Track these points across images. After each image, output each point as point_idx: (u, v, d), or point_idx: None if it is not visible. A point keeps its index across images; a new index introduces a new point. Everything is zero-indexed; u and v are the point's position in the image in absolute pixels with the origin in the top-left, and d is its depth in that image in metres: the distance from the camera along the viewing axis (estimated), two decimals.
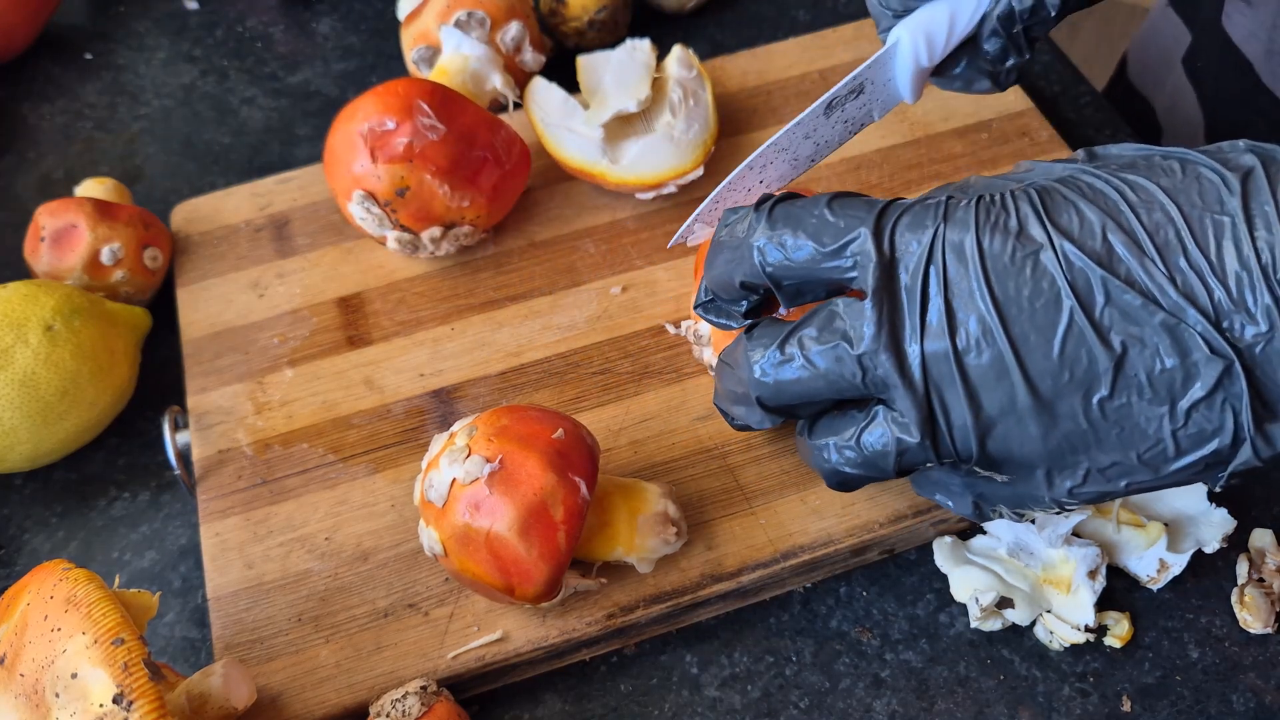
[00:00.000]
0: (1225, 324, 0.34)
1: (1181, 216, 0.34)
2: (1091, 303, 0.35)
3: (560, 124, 0.58)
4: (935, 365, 0.36)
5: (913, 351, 0.36)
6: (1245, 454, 0.35)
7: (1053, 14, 0.41)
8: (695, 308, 0.43)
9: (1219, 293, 0.34)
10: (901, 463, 0.38)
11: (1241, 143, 0.37)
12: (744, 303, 0.41)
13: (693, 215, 0.45)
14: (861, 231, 0.37)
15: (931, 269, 0.36)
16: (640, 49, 0.60)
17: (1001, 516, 0.40)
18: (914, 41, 0.42)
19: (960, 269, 0.35)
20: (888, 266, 0.36)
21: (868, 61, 0.43)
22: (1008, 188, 0.37)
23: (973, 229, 0.36)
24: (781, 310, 0.42)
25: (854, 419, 0.39)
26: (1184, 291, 0.34)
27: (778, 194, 0.40)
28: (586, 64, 0.61)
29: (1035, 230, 0.35)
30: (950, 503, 0.40)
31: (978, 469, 0.38)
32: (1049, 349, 0.35)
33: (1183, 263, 0.34)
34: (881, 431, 0.38)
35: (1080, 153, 0.39)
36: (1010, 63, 0.43)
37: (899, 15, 0.43)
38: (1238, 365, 0.34)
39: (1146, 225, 0.35)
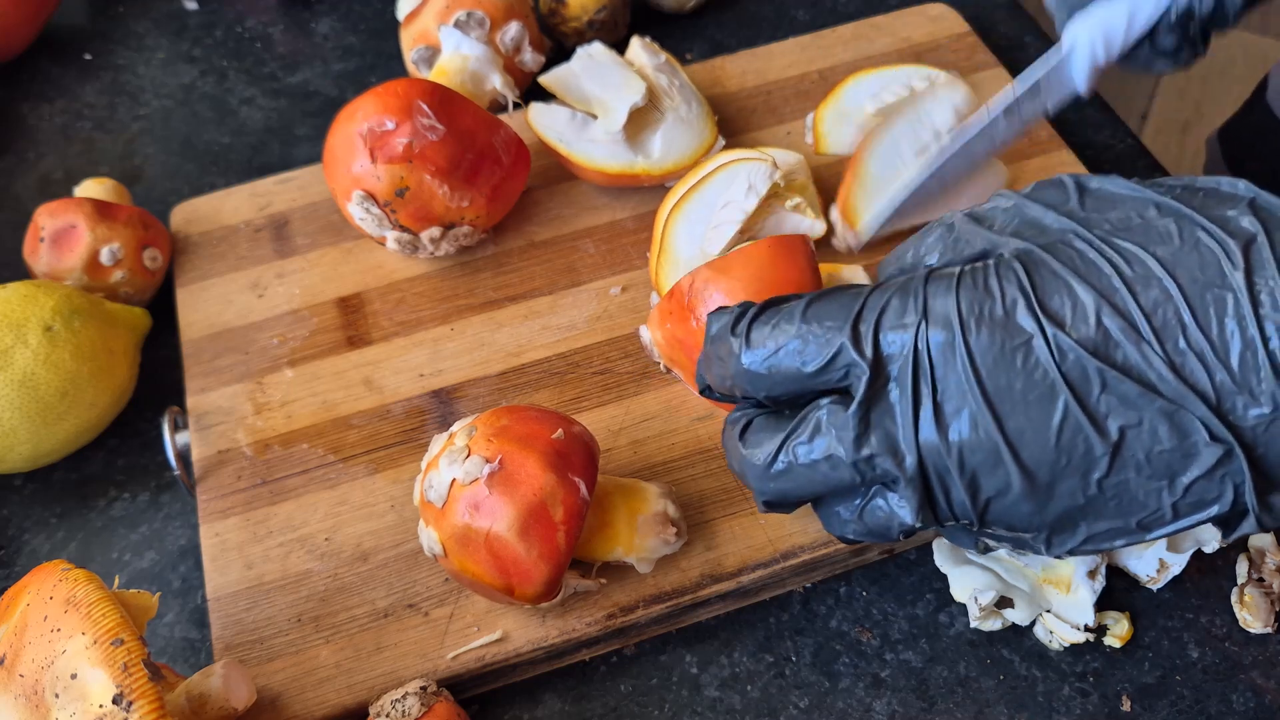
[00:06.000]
0: (1227, 405, 0.33)
1: (1180, 293, 0.33)
2: (1086, 392, 0.34)
3: (580, 139, 0.58)
4: (931, 458, 0.36)
5: (909, 451, 0.35)
6: (1249, 526, 0.35)
7: (1232, 16, 0.40)
8: (700, 393, 0.42)
9: (1220, 375, 0.33)
10: (904, 533, 0.38)
11: (1241, 185, 0.35)
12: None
13: (878, 215, 0.47)
14: (842, 344, 0.36)
15: (919, 369, 0.35)
16: (595, 53, 0.60)
17: (1002, 548, 0.40)
18: (1091, 42, 0.43)
19: (948, 366, 0.35)
20: (874, 370, 0.36)
21: (1045, 64, 0.44)
22: (991, 258, 0.36)
23: (957, 324, 0.35)
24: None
25: (856, 494, 0.39)
26: (1184, 378, 0.33)
27: (754, 307, 0.39)
28: (557, 82, 0.60)
29: (1024, 320, 0.34)
30: (951, 538, 0.40)
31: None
32: (1045, 440, 0.34)
33: (1182, 344, 0.33)
34: (883, 510, 0.38)
35: (1069, 181, 0.38)
36: (1183, 56, 0.43)
37: (1077, 10, 0.43)
38: (1238, 448, 0.33)
39: (1144, 305, 0.33)
